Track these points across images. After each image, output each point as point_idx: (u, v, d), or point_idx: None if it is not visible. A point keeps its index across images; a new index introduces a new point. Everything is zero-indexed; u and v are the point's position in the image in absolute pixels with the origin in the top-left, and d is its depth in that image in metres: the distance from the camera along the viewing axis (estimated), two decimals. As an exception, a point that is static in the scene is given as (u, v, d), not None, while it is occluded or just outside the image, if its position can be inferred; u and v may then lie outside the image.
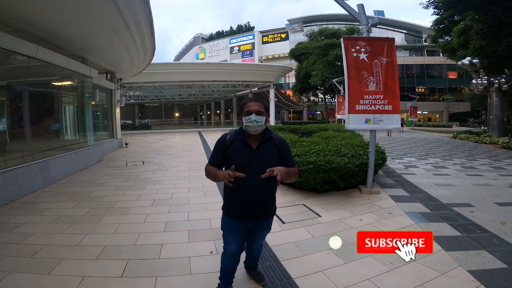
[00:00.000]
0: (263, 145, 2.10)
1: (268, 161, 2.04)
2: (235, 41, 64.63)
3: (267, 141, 2.12)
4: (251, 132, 2.06)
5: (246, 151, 2.07)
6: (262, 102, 2.09)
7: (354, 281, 2.54)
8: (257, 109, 2.03)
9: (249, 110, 2.04)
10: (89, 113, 9.25)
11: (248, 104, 2.07)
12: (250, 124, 2.01)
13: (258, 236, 2.37)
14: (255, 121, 2.00)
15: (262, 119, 2.02)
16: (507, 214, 4.07)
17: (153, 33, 8.74)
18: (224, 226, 2.28)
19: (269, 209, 2.26)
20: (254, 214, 2.17)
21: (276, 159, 2.10)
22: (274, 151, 2.11)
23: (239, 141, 2.10)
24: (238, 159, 2.04)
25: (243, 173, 1.97)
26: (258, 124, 2.01)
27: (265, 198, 2.16)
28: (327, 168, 4.82)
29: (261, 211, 2.19)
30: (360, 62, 5.16)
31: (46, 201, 5.02)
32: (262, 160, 2.05)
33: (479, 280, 2.48)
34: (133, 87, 26.00)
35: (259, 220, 2.22)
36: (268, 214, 2.27)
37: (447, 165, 8.20)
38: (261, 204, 2.15)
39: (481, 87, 16.67)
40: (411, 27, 52.21)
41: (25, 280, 2.56)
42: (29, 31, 6.30)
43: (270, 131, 2.19)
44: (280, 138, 2.20)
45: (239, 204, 2.14)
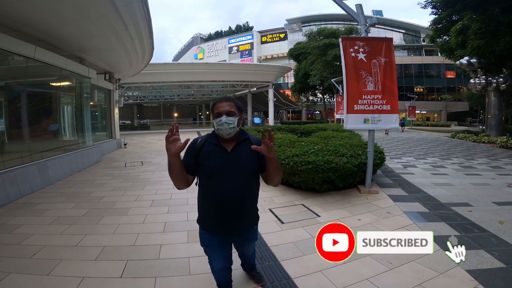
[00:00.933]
0: (238, 147, 1.88)
1: (245, 164, 1.85)
2: (234, 41, 64.60)
3: (243, 143, 1.90)
4: (223, 136, 1.83)
5: (220, 154, 1.85)
6: (234, 101, 1.88)
7: (353, 281, 2.55)
8: (227, 109, 1.81)
9: (219, 112, 1.82)
10: (87, 114, 9.24)
11: (217, 105, 1.85)
12: (221, 127, 1.79)
13: (245, 247, 2.23)
14: (226, 123, 1.78)
15: (234, 121, 1.80)
16: (505, 214, 4.09)
17: (151, 33, 8.74)
18: (203, 242, 2.03)
19: (251, 218, 2.04)
20: (234, 226, 1.93)
21: (254, 162, 1.88)
22: (252, 154, 1.87)
23: (211, 144, 1.88)
24: (212, 163, 1.83)
25: (218, 178, 1.81)
26: (230, 127, 1.79)
27: (245, 206, 1.91)
28: (326, 168, 4.83)
29: (242, 222, 1.95)
30: (359, 62, 5.18)
31: (45, 202, 5.02)
32: (238, 163, 1.84)
33: (477, 280, 2.49)
34: (131, 87, 25.95)
35: (239, 232, 2.01)
36: (251, 224, 2.05)
37: (445, 165, 8.22)
38: (241, 213, 1.90)
39: (479, 87, 16.70)
40: (409, 27, 52.29)
41: (24, 281, 2.56)
42: (27, 31, 6.29)
43: (245, 133, 1.98)
44: (258, 139, 1.94)
45: (215, 214, 1.89)
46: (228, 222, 1.90)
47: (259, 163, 1.90)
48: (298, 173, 5.09)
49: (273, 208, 4.49)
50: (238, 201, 1.85)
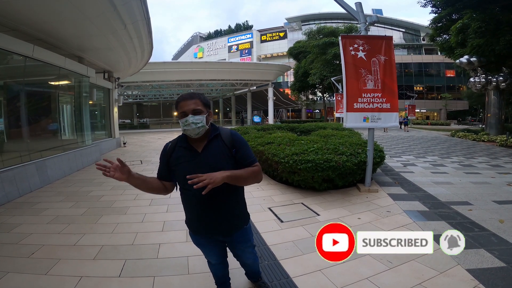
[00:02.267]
0: (209, 146, 1.75)
1: (219, 163, 1.70)
2: (233, 40, 64.52)
3: (214, 140, 1.77)
4: (191, 136, 1.71)
5: (191, 157, 1.73)
6: (199, 97, 1.72)
7: (353, 280, 2.53)
8: (193, 107, 1.67)
9: (184, 111, 1.67)
10: (86, 113, 9.22)
11: (181, 104, 1.69)
12: (188, 128, 1.65)
13: (239, 250, 2.07)
14: (192, 123, 1.64)
15: (201, 119, 1.67)
16: (506, 212, 4.08)
17: (150, 32, 8.72)
18: (194, 241, 2.02)
19: (237, 219, 1.90)
20: (218, 228, 1.84)
21: (229, 159, 1.75)
22: (223, 150, 1.75)
23: (181, 148, 1.77)
24: (183, 168, 1.70)
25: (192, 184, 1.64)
26: (198, 126, 1.66)
27: (226, 207, 1.81)
28: (326, 167, 4.82)
29: (226, 222, 1.84)
30: (358, 60, 5.16)
31: (44, 201, 5.00)
32: (211, 163, 1.69)
33: (477, 279, 2.47)
34: (131, 86, 25.93)
35: (225, 234, 1.89)
36: (237, 224, 1.91)
37: (445, 163, 8.22)
38: (223, 214, 1.80)
39: (479, 85, 16.71)
40: (409, 26, 52.27)
41: (22, 280, 2.54)
42: (25, 30, 6.27)
43: (216, 128, 1.83)
44: (230, 133, 1.82)
45: (197, 217, 1.85)
46: (210, 225, 1.83)
47: (235, 160, 1.77)
48: (297, 172, 5.07)
49: (272, 207, 4.48)
50: (216, 204, 1.76)
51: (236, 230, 1.91)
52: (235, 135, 1.81)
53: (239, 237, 1.95)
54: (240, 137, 1.83)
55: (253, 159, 1.80)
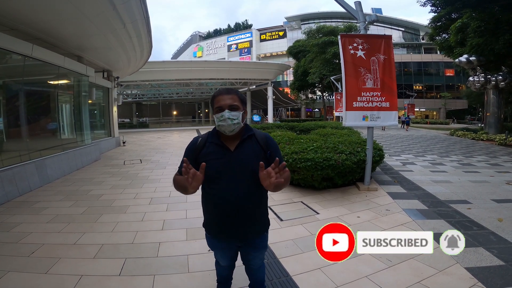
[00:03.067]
0: (243, 146, 1.68)
1: (251, 163, 1.62)
2: (232, 39, 64.41)
3: (248, 140, 1.70)
4: (225, 133, 1.64)
5: (223, 154, 1.65)
6: (236, 93, 1.67)
7: (352, 278, 2.54)
8: (230, 103, 1.61)
9: (220, 106, 1.62)
10: (85, 112, 9.21)
11: (218, 98, 1.64)
12: (224, 123, 1.59)
13: (253, 256, 1.95)
14: (228, 118, 1.58)
15: (237, 115, 1.61)
16: (504, 211, 4.09)
17: (149, 31, 8.70)
18: (208, 243, 1.93)
19: (259, 225, 1.81)
20: (239, 232, 1.73)
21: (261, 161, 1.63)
22: (258, 151, 1.68)
23: (213, 144, 1.69)
24: (214, 165, 1.61)
25: (220, 181, 1.63)
26: (234, 122, 1.60)
27: (251, 211, 1.71)
28: (325, 165, 4.82)
29: (248, 227, 1.74)
30: (358, 59, 5.16)
31: (43, 200, 5.00)
32: (243, 163, 1.63)
33: (476, 278, 2.48)
34: (130, 86, 25.86)
35: (247, 239, 1.79)
36: (259, 231, 1.82)
37: (444, 162, 8.23)
38: (247, 218, 1.71)
39: (478, 85, 16.74)
40: (408, 25, 52.23)
41: (22, 280, 2.54)
42: (24, 30, 6.25)
43: (251, 128, 1.77)
44: (265, 135, 1.76)
45: (219, 220, 1.73)
46: (232, 229, 1.72)
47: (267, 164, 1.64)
48: (297, 170, 5.08)
49: (272, 206, 4.48)
50: (243, 206, 1.66)
51: (257, 236, 1.82)
52: (269, 138, 1.76)
53: (257, 244, 1.86)
54: (274, 141, 1.79)
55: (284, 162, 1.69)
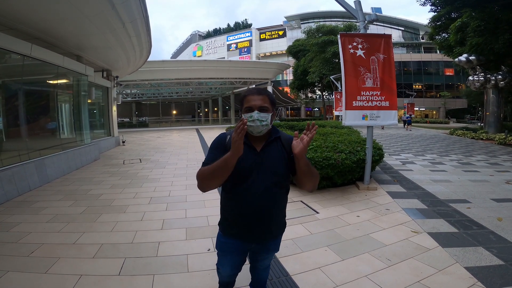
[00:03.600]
0: (269, 147, 1.66)
1: (276, 166, 1.63)
2: (232, 39, 64.40)
3: (273, 142, 1.69)
4: (253, 133, 1.61)
5: (249, 155, 1.62)
6: (268, 95, 1.64)
7: (352, 278, 2.54)
8: (260, 104, 1.59)
9: (250, 106, 1.59)
10: (85, 111, 9.19)
11: (249, 98, 1.62)
12: (252, 124, 1.55)
13: (263, 258, 1.97)
14: (258, 120, 1.55)
15: (267, 117, 1.58)
16: (504, 211, 4.09)
17: (149, 31, 8.69)
18: (219, 245, 1.87)
19: (277, 227, 1.80)
20: (258, 234, 1.72)
21: (284, 163, 1.67)
22: (282, 154, 1.67)
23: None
24: (239, 164, 1.56)
25: (245, 180, 1.61)
26: (263, 124, 1.56)
27: (273, 213, 1.70)
28: (325, 165, 4.82)
29: (267, 230, 1.73)
30: (357, 58, 5.16)
31: (43, 200, 5.00)
32: (268, 165, 1.62)
33: (476, 277, 2.48)
34: (130, 85, 25.88)
35: (263, 241, 1.78)
36: (276, 233, 1.81)
37: (444, 161, 8.23)
38: (268, 220, 1.70)
39: (478, 84, 16.73)
40: (408, 24, 52.24)
41: (22, 280, 2.54)
42: (23, 29, 6.24)
43: (277, 130, 1.77)
44: (290, 138, 1.72)
45: (239, 220, 1.71)
46: (250, 229, 1.70)
47: (290, 165, 1.66)
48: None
49: (271, 205, 4.47)
50: (264, 207, 1.65)
51: (273, 239, 1.82)
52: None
53: (271, 246, 1.87)
54: None
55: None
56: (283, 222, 1.84)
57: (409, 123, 23.47)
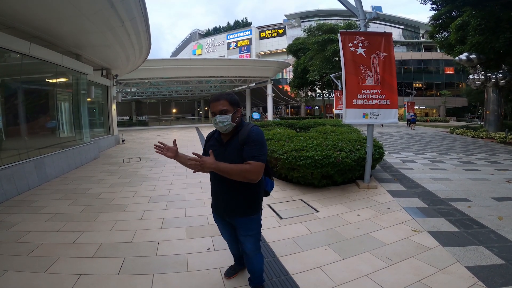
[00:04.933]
0: (230, 141, 2.01)
1: (232, 156, 1.93)
2: (232, 37, 64.25)
3: (235, 136, 2.01)
4: (222, 132, 2.02)
5: (217, 147, 2.03)
6: (226, 98, 1.96)
7: (352, 277, 2.53)
8: (220, 108, 1.92)
9: (213, 111, 1.96)
10: (84, 110, 9.17)
11: (211, 105, 1.97)
12: (216, 126, 1.97)
13: (241, 237, 2.18)
14: (219, 122, 1.92)
15: (227, 118, 1.91)
16: (504, 209, 4.08)
17: (148, 29, 8.65)
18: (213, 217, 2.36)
19: (241, 206, 2.07)
20: (221, 209, 2.16)
21: (239, 155, 1.93)
22: (237, 146, 1.96)
23: (214, 138, 2.12)
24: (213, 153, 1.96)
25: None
26: (224, 124, 1.92)
27: (227, 195, 2.07)
28: (325, 163, 4.81)
29: (225, 208, 2.12)
30: (358, 56, 5.13)
31: (42, 199, 4.98)
32: (227, 155, 1.94)
33: (476, 276, 2.47)
34: (129, 84, 25.81)
35: (230, 215, 2.13)
36: (241, 211, 2.08)
37: (444, 160, 8.22)
38: (226, 200, 2.09)
39: (478, 83, 16.70)
40: (408, 23, 52.13)
41: (21, 279, 2.53)
42: (21, 28, 6.20)
43: (244, 126, 2.04)
44: (249, 130, 1.97)
45: (213, 196, 2.21)
46: (219, 203, 2.15)
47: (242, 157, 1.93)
48: (296, 168, 5.06)
49: (271, 204, 4.47)
50: (223, 190, 2.07)
51: (239, 216, 2.10)
52: (251, 133, 1.95)
53: (241, 224, 2.13)
54: (256, 135, 1.95)
55: (251, 156, 1.88)
56: (250, 202, 2.08)
57: (413, 122, 22.96)
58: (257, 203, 2.13)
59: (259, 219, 2.18)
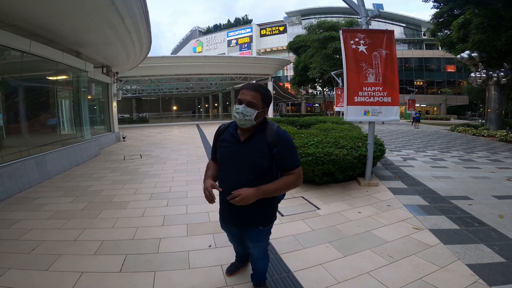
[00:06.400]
0: (252, 139, 1.75)
1: (254, 159, 1.69)
2: (232, 34, 64.11)
3: (257, 135, 1.76)
4: (239, 124, 1.75)
5: (232, 143, 1.77)
6: (262, 92, 1.73)
7: (354, 275, 2.53)
8: (249, 99, 1.69)
9: (240, 99, 1.72)
10: (85, 107, 9.18)
11: (242, 91, 1.74)
12: (237, 116, 1.70)
13: (249, 245, 2.05)
14: (242, 113, 1.68)
15: (252, 113, 1.68)
16: (505, 208, 4.08)
17: (149, 26, 8.63)
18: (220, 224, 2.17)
19: (253, 217, 1.86)
20: (230, 218, 1.91)
21: (266, 159, 1.71)
22: (263, 147, 1.72)
23: (228, 132, 1.83)
24: (222, 152, 1.79)
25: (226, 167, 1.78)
26: (246, 118, 1.68)
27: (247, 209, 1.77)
28: (326, 160, 4.81)
29: (237, 217, 1.86)
30: (359, 54, 5.12)
31: (43, 197, 4.99)
32: (246, 157, 1.70)
33: (477, 274, 2.48)
34: (130, 81, 25.77)
35: (240, 227, 1.92)
36: (252, 223, 1.88)
37: (445, 158, 8.21)
38: (236, 209, 1.76)
39: (480, 81, 16.65)
40: (410, 21, 51.97)
41: (23, 277, 2.54)
42: (22, 26, 6.19)
43: (267, 125, 1.82)
44: (276, 131, 1.77)
45: (221, 203, 1.92)
46: (228, 214, 1.90)
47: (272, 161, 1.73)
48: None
49: (272, 202, 4.46)
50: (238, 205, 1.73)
51: (250, 227, 1.91)
52: (281, 135, 1.77)
53: (251, 235, 1.97)
54: (287, 138, 1.79)
55: (292, 165, 1.75)
56: (262, 214, 1.87)
57: (417, 120, 22.11)
58: (273, 214, 1.98)
59: (271, 227, 2.02)
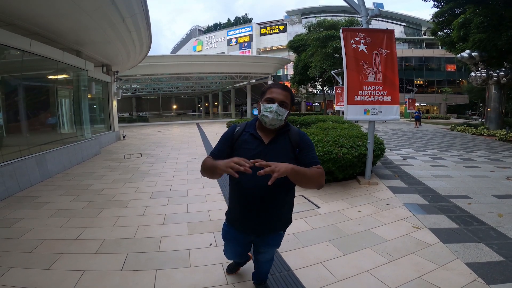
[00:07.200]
0: (276, 141, 1.71)
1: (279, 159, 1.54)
2: (232, 33, 63.94)
3: (282, 136, 1.73)
4: (266, 125, 1.67)
5: (255, 146, 1.68)
6: (290, 94, 1.70)
7: (353, 273, 2.55)
8: (282, 99, 1.64)
9: (272, 98, 1.64)
10: (85, 106, 9.19)
11: (272, 90, 1.67)
12: (269, 115, 1.62)
13: (263, 251, 2.01)
14: (276, 112, 1.61)
15: (284, 113, 1.64)
16: (504, 207, 4.10)
17: (149, 25, 8.64)
18: (223, 233, 2.02)
19: (277, 223, 1.83)
20: (254, 226, 1.79)
21: (290, 158, 1.66)
22: (287, 148, 1.70)
23: (248, 134, 1.73)
24: (246, 154, 1.60)
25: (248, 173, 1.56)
26: (278, 118, 1.63)
27: (273, 207, 1.73)
28: (326, 159, 4.82)
29: (265, 224, 1.78)
30: (359, 53, 5.13)
31: (44, 195, 5.00)
32: (272, 158, 1.53)
33: (476, 273, 2.49)
34: (130, 80, 25.79)
35: (261, 234, 1.85)
36: (274, 228, 1.84)
37: (444, 157, 8.23)
38: (266, 214, 1.73)
39: (480, 80, 16.65)
40: (410, 20, 51.86)
41: (25, 276, 2.54)
42: (22, 25, 6.19)
43: (289, 125, 1.79)
44: (298, 132, 1.77)
45: (241, 209, 1.78)
46: (251, 220, 1.76)
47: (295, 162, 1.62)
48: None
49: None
50: (265, 199, 1.69)
51: (272, 233, 1.87)
52: (303, 135, 1.75)
53: (270, 240, 1.92)
54: (308, 138, 1.77)
55: (317, 160, 1.70)
56: (284, 218, 1.86)
57: (418, 119, 21.97)
58: (291, 216, 1.94)
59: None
